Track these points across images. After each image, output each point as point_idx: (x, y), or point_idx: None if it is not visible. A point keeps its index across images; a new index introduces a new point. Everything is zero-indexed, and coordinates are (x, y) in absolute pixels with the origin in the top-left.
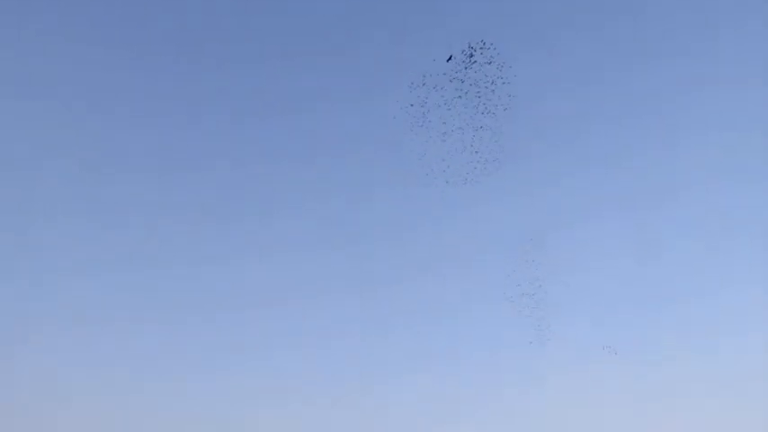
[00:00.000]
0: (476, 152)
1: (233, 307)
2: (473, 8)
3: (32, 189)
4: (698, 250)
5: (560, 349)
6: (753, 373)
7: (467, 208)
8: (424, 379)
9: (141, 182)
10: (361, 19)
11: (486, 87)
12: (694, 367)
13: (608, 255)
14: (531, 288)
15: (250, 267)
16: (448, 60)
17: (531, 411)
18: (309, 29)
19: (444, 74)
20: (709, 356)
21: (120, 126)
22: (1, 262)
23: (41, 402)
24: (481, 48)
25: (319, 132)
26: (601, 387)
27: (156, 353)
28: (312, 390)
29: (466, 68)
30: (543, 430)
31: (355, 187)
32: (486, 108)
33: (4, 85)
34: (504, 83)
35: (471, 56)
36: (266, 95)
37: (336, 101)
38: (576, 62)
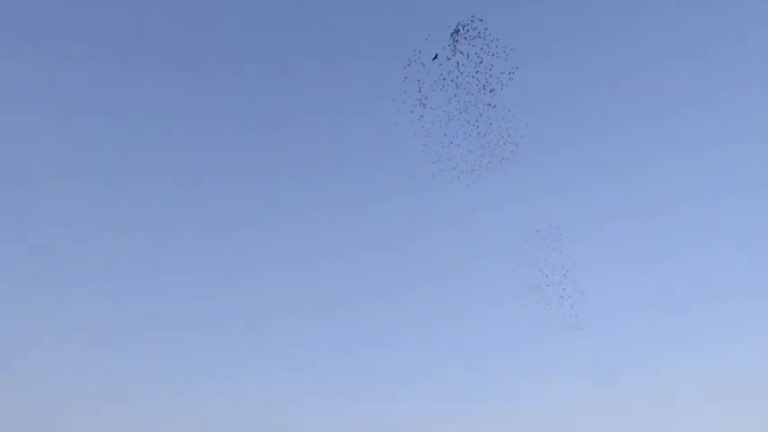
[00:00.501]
0: (484, 135)
1: (242, 315)
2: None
3: (37, 198)
4: (699, 259)
5: (566, 351)
6: (753, 382)
7: (471, 206)
8: (435, 385)
9: (148, 191)
10: (355, 16)
11: (482, 61)
12: (696, 374)
13: (608, 260)
14: (556, 277)
15: (259, 276)
16: (434, 59)
17: (538, 414)
18: (303, 27)
19: (443, 48)
20: (710, 364)
21: (122, 136)
22: (8, 271)
23: (48, 410)
24: (470, 23)
25: (320, 137)
26: (605, 391)
27: (164, 360)
28: (320, 398)
29: (454, 43)
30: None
31: (360, 192)
32: (487, 82)
33: (20, 94)
34: (505, 58)
35: (457, 31)
36: (266, 102)
37: (336, 102)
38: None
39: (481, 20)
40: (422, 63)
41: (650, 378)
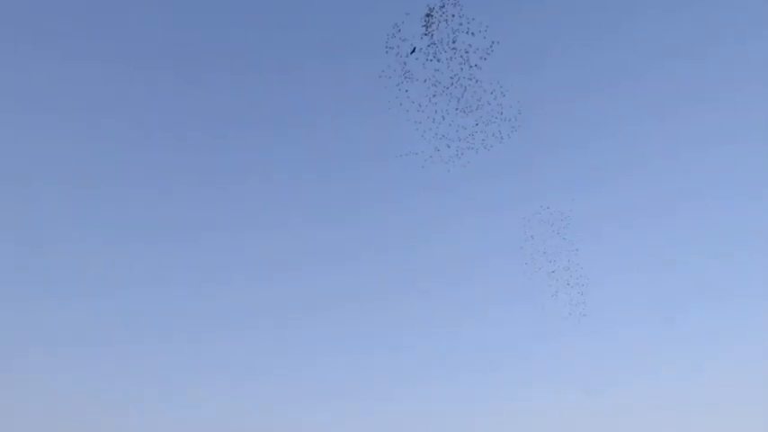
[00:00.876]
0: (476, 109)
1: (242, 315)
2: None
3: (37, 198)
4: (699, 259)
5: (568, 351)
6: (754, 383)
7: (472, 206)
8: (436, 386)
9: (148, 191)
10: (355, 15)
11: (456, 40)
12: (697, 375)
13: (608, 261)
14: (561, 262)
15: (259, 276)
16: (411, 53)
17: (540, 414)
18: (303, 27)
19: (421, 26)
20: (711, 365)
21: (122, 136)
22: (8, 271)
23: (48, 410)
24: (442, 6)
25: (320, 137)
26: (606, 392)
27: (163, 360)
28: (320, 398)
29: (427, 26)
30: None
31: (360, 191)
32: (465, 57)
33: (20, 94)
34: (483, 36)
35: (429, 15)
36: (266, 102)
37: (336, 102)
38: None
39: (455, 2)
40: (401, 39)
41: (651, 379)
